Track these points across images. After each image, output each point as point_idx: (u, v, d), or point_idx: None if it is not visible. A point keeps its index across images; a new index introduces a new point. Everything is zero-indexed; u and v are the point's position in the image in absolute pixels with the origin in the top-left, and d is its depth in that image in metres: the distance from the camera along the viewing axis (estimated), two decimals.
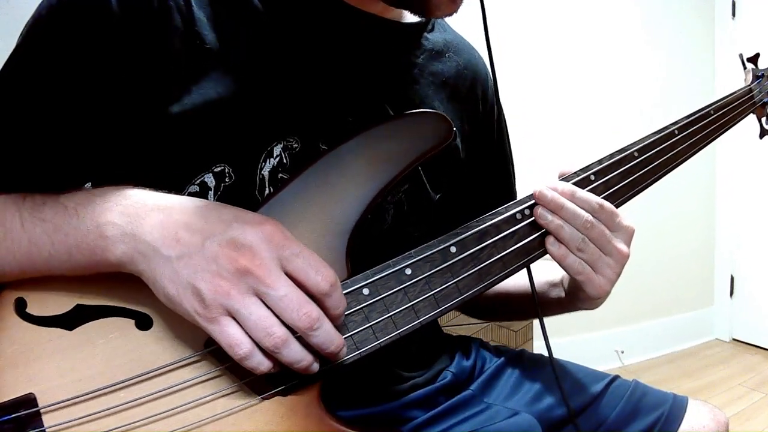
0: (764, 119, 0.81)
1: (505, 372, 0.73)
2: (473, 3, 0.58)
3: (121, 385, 0.45)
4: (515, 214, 0.56)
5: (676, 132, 0.64)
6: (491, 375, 0.72)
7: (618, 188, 0.59)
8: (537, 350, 1.44)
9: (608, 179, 0.59)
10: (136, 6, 0.48)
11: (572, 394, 0.68)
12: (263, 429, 0.47)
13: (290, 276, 0.42)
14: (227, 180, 0.52)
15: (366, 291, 0.50)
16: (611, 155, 0.60)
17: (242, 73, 0.52)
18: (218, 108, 0.50)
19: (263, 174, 0.53)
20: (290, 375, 0.47)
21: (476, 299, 0.54)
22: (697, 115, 0.67)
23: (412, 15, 0.60)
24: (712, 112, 0.69)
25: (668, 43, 2.37)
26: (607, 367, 2.16)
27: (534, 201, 0.56)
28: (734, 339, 2.52)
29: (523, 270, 0.57)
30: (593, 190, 0.58)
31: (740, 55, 0.82)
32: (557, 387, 0.64)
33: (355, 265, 0.50)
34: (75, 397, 0.44)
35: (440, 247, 0.52)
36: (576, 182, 0.57)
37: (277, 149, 0.53)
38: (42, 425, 0.43)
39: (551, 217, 0.54)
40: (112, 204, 0.45)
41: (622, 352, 2.30)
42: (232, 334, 0.41)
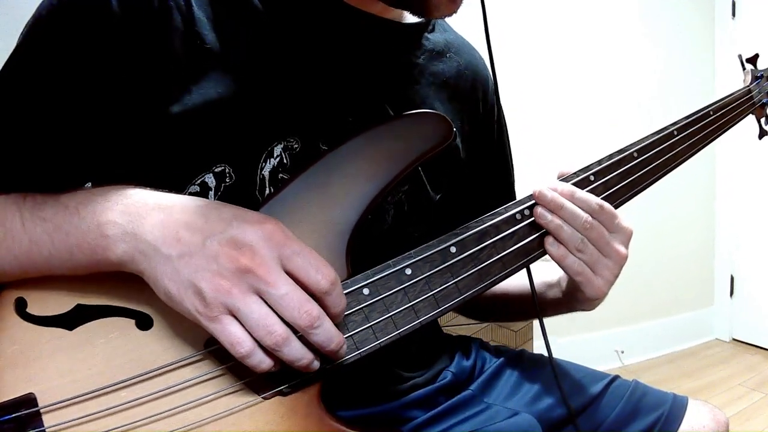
0: (763, 120, 0.81)
1: (505, 372, 0.73)
2: (473, 3, 0.58)
3: (122, 385, 0.45)
4: (515, 215, 0.56)
5: (676, 133, 0.64)
6: (491, 375, 0.72)
7: (617, 189, 0.59)
8: (537, 350, 1.44)
9: (608, 180, 0.59)
10: (137, 6, 0.48)
11: (572, 394, 0.68)
12: (264, 428, 0.47)
13: (290, 274, 0.42)
14: (228, 180, 0.52)
15: (366, 291, 0.50)
16: (610, 156, 0.60)
17: (242, 73, 0.52)
18: (218, 108, 0.50)
19: (263, 174, 0.53)
20: (291, 374, 0.47)
21: (475, 300, 0.54)
22: (697, 116, 0.67)
23: (412, 15, 0.60)
24: (711, 113, 0.69)
25: (668, 43, 2.37)
26: (607, 367, 2.16)
27: (534, 201, 0.56)
28: (734, 339, 2.52)
29: (522, 271, 0.57)
30: (593, 191, 0.58)
31: (739, 56, 0.82)
32: (557, 387, 0.64)
33: (356, 265, 0.50)
34: (75, 397, 0.44)
35: (440, 248, 0.53)
36: (575, 183, 0.57)
37: (278, 149, 0.53)
38: (42, 425, 0.43)
39: (551, 217, 0.54)
40: (113, 203, 0.45)
41: (622, 352, 2.30)
42: (234, 333, 0.41)
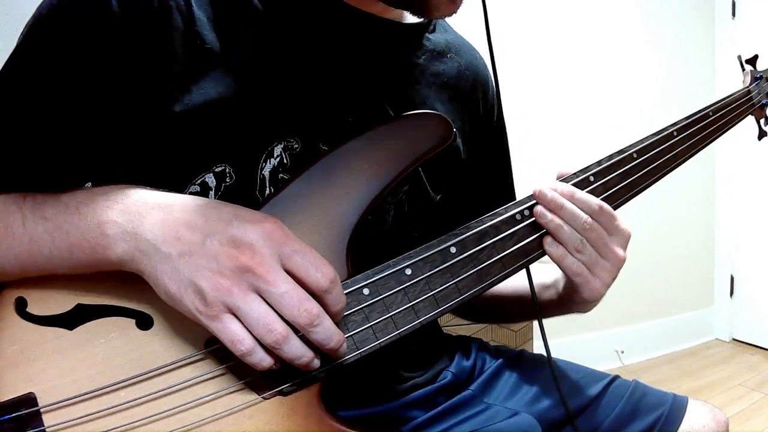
0: (762, 121, 0.81)
1: (505, 372, 0.73)
2: (474, 3, 0.58)
3: (122, 385, 0.45)
4: (515, 215, 0.56)
5: (675, 133, 0.64)
6: (491, 375, 0.72)
7: (617, 189, 0.59)
8: (537, 350, 1.43)
9: (607, 180, 0.59)
10: (137, 6, 0.48)
11: (572, 395, 0.68)
12: (264, 428, 0.47)
13: (290, 273, 0.42)
14: (228, 180, 0.52)
15: (366, 291, 0.50)
16: (610, 156, 0.60)
17: (242, 73, 0.52)
18: (219, 108, 0.50)
19: (264, 174, 0.53)
20: (291, 374, 0.47)
21: (472, 302, 0.54)
22: (696, 117, 0.67)
23: (412, 15, 0.60)
24: (711, 114, 0.69)
25: (668, 43, 2.37)
26: (607, 367, 2.16)
27: (533, 202, 0.56)
28: (734, 339, 2.52)
29: (520, 272, 0.57)
30: (593, 192, 0.58)
31: (739, 57, 0.82)
32: (556, 388, 0.64)
33: (356, 266, 0.50)
34: (75, 397, 0.44)
35: (440, 248, 0.53)
36: (575, 183, 0.57)
37: (278, 149, 0.53)
38: (42, 425, 0.43)
39: (551, 217, 0.55)
40: (113, 202, 0.45)
41: (622, 352, 2.30)
42: (234, 331, 0.41)
